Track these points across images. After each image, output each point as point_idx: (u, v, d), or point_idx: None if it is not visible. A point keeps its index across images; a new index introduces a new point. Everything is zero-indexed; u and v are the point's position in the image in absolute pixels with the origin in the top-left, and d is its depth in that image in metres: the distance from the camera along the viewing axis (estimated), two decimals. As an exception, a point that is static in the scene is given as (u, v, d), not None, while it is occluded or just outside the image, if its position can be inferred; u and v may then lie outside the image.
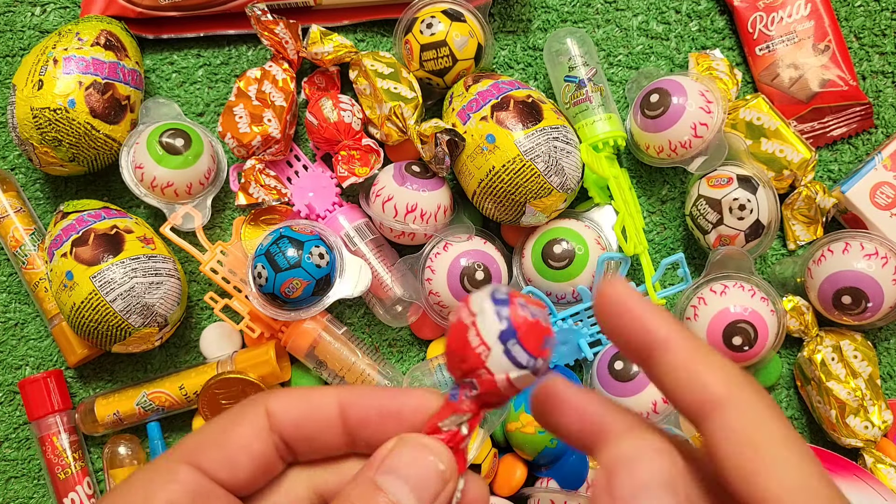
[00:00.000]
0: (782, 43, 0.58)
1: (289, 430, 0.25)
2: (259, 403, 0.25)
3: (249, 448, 0.24)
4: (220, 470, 0.24)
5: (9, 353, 0.60)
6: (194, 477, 0.24)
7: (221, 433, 0.25)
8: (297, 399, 0.25)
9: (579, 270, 0.53)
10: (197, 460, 0.24)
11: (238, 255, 0.57)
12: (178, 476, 0.24)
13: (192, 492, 0.23)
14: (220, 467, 0.24)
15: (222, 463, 0.24)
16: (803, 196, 0.56)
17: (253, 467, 0.24)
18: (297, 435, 0.25)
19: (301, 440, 0.25)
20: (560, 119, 0.53)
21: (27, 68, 0.54)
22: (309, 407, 0.25)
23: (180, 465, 0.24)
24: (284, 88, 0.57)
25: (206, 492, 0.24)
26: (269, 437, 0.25)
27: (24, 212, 0.60)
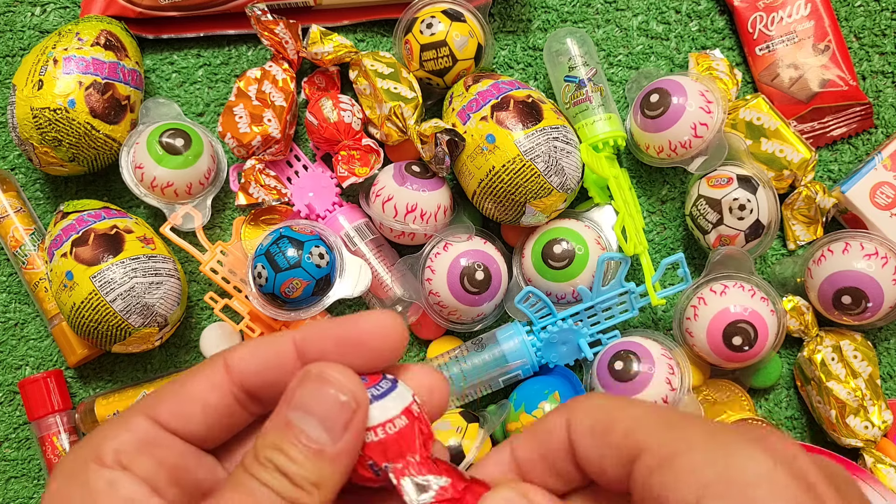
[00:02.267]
0: (782, 43, 0.58)
1: (249, 379, 0.25)
2: (217, 358, 0.25)
3: (204, 400, 0.25)
4: (174, 420, 0.25)
5: (9, 353, 0.61)
6: (147, 426, 0.24)
7: (179, 386, 0.25)
8: (253, 348, 0.25)
9: (579, 270, 0.53)
10: (153, 412, 0.25)
11: (238, 255, 0.57)
12: (130, 426, 0.24)
13: (141, 440, 0.24)
14: (174, 418, 0.25)
15: (176, 414, 0.25)
16: (803, 196, 0.56)
17: (207, 419, 0.25)
18: (258, 383, 0.25)
19: (263, 388, 0.25)
20: (560, 119, 0.53)
21: (27, 68, 0.54)
22: (265, 354, 0.25)
23: (136, 416, 0.24)
24: (284, 88, 0.57)
25: (156, 441, 0.24)
26: (227, 388, 0.25)
27: (24, 212, 0.60)
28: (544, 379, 0.56)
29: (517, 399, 0.54)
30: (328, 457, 0.23)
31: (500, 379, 0.55)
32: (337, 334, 0.25)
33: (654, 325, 0.59)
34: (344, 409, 0.23)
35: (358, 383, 0.24)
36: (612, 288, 0.53)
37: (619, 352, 0.52)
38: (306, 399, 0.23)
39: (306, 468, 0.23)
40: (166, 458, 0.24)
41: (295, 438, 0.23)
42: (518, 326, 0.55)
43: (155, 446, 0.24)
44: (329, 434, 0.23)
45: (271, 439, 0.23)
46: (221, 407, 0.25)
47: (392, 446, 0.24)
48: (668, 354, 0.53)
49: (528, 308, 0.54)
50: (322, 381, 0.24)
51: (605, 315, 0.55)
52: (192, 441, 0.25)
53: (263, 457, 0.23)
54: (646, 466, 0.22)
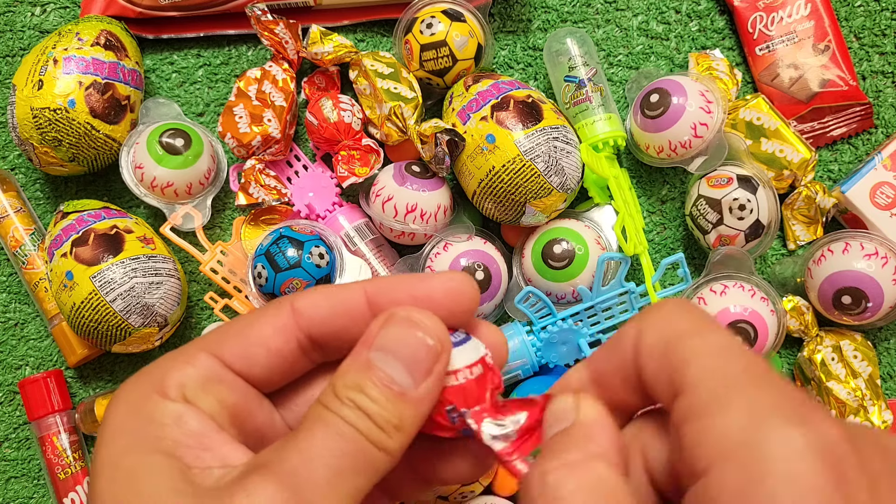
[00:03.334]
0: (782, 43, 0.58)
1: (316, 327, 0.25)
2: (285, 301, 0.25)
3: (268, 343, 0.25)
4: (237, 361, 0.25)
5: (9, 353, 0.60)
6: (211, 363, 0.24)
7: (245, 327, 0.25)
8: (324, 296, 0.25)
9: (579, 270, 0.53)
10: (217, 350, 0.24)
11: (238, 255, 0.57)
12: (194, 360, 0.24)
13: (204, 377, 0.24)
14: (237, 359, 0.25)
15: (239, 355, 0.25)
16: (803, 196, 0.56)
17: (270, 362, 0.25)
18: (325, 331, 0.25)
19: (330, 336, 0.25)
20: (560, 119, 0.53)
21: (27, 68, 0.54)
22: (336, 302, 0.25)
23: (200, 352, 0.24)
24: (284, 88, 0.57)
25: (219, 378, 0.24)
26: (291, 334, 0.25)
27: (24, 212, 0.60)
28: (544, 379, 0.56)
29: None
30: (410, 400, 0.23)
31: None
32: (411, 290, 0.25)
33: (654, 325, 0.59)
34: (430, 352, 0.23)
35: (444, 329, 0.24)
36: (612, 288, 0.53)
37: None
38: (390, 340, 0.23)
39: (388, 410, 0.23)
40: (228, 397, 0.24)
41: (377, 379, 0.23)
42: (518, 326, 0.55)
43: (218, 383, 0.24)
44: (412, 377, 0.23)
45: (352, 378, 0.23)
46: (285, 352, 0.25)
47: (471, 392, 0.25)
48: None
49: (528, 308, 0.54)
50: (410, 324, 0.23)
51: (605, 315, 0.54)
52: (253, 383, 0.25)
53: (345, 396, 0.23)
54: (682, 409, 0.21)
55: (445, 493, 0.51)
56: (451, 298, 0.25)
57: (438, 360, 0.23)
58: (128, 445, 0.22)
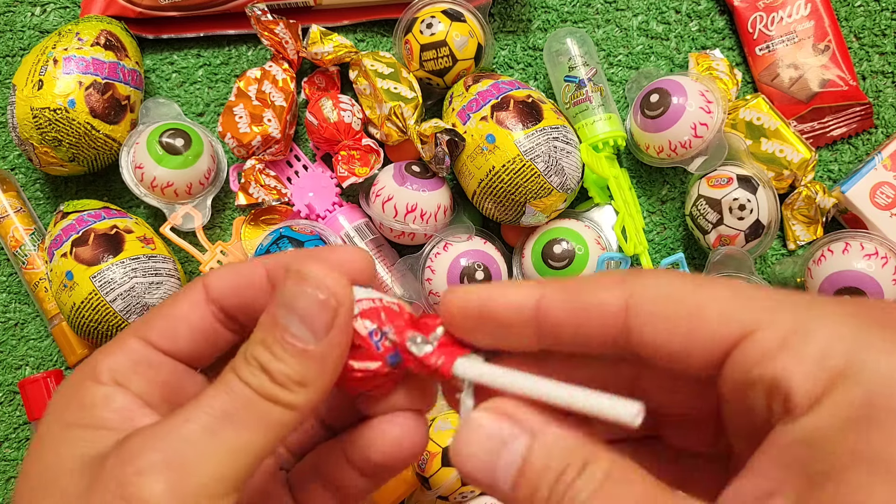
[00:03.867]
0: (782, 43, 0.58)
1: (225, 299, 0.26)
2: (197, 280, 0.27)
3: (188, 318, 0.26)
4: (163, 340, 0.26)
5: (9, 353, 0.60)
6: (139, 346, 0.26)
7: (165, 308, 0.27)
8: (228, 271, 0.27)
9: (579, 270, 0.53)
10: (143, 333, 0.26)
11: (238, 255, 0.57)
12: (124, 346, 0.26)
13: (134, 360, 0.25)
14: (163, 337, 0.26)
15: (164, 333, 0.26)
16: (803, 196, 0.56)
17: (193, 336, 0.26)
18: (233, 303, 0.26)
19: (238, 308, 0.26)
20: (560, 119, 0.53)
21: (27, 68, 0.54)
22: (239, 275, 0.26)
23: (129, 337, 0.26)
24: (284, 88, 0.57)
25: (147, 360, 0.25)
26: (206, 307, 0.26)
27: (24, 212, 0.60)
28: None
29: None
30: (312, 355, 0.23)
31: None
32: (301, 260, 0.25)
33: (654, 325, 0.59)
34: (324, 307, 0.23)
35: (339, 281, 0.24)
36: (612, 288, 0.53)
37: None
38: (287, 296, 0.23)
39: (290, 365, 0.23)
40: (157, 376, 0.25)
41: (280, 335, 0.23)
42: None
43: (146, 366, 0.25)
44: (312, 332, 0.23)
45: (259, 335, 0.24)
46: (205, 325, 0.26)
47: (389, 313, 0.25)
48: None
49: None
50: (300, 279, 0.23)
51: (605, 315, 0.54)
52: (181, 359, 0.26)
53: (249, 354, 0.23)
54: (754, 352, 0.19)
55: (445, 494, 0.51)
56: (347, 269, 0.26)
57: (337, 313, 0.23)
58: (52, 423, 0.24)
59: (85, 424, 0.24)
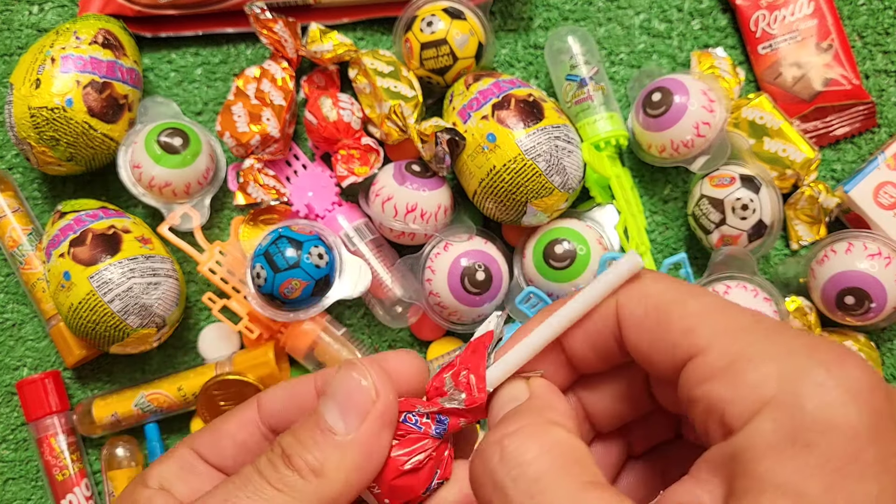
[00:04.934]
0: (785, 42, 0.58)
1: (275, 417, 0.27)
2: (254, 398, 0.28)
3: (234, 436, 0.28)
4: (209, 452, 0.28)
5: (6, 354, 0.60)
6: (188, 455, 0.28)
7: (218, 422, 0.28)
8: (282, 389, 0.28)
9: (581, 270, 0.53)
10: (193, 444, 0.28)
11: (236, 255, 0.56)
12: (174, 455, 0.28)
13: (181, 467, 0.27)
14: (209, 450, 0.28)
15: (211, 447, 0.28)
16: (806, 196, 0.56)
17: (237, 451, 0.27)
18: (283, 421, 0.27)
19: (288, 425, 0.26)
20: (561, 118, 0.53)
21: (25, 67, 0.54)
22: (291, 394, 0.27)
23: (182, 447, 0.28)
24: (283, 87, 0.57)
25: (193, 468, 0.27)
26: (255, 426, 0.27)
27: (22, 211, 0.59)
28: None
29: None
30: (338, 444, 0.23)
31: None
32: None
33: (656, 326, 0.59)
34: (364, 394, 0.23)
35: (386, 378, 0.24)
36: (613, 288, 0.53)
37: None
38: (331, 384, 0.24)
39: (311, 452, 0.23)
40: (200, 484, 0.27)
41: (314, 422, 0.23)
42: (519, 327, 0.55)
43: (191, 473, 0.27)
44: (344, 420, 0.23)
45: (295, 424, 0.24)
46: (250, 442, 0.28)
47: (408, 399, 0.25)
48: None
49: (530, 308, 0.53)
50: (349, 366, 0.24)
51: (606, 316, 0.54)
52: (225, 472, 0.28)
53: (277, 441, 0.24)
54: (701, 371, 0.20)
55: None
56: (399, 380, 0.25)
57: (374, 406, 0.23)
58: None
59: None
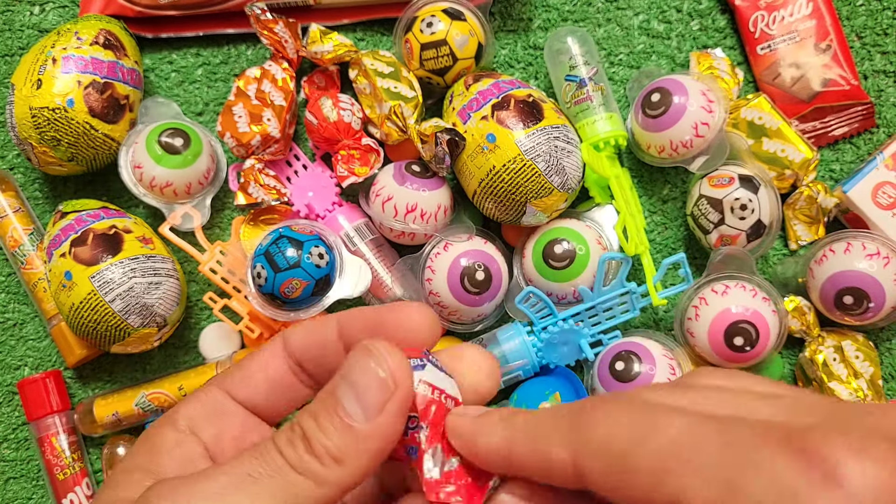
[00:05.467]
0: (784, 42, 0.58)
1: (300, 352, 0.27)
2: (279, 335, 0.28)
3: (265, 369, 0.27)
4: (240, 389, 0.27)
5: (7, 354, 0.60)
6: (218, 395, 0.27)
7: (247, 360, 0.28)
8: (304, 327, 0.28)
9: (580, 270, 0.53)
10: (223, 383, 0.27)
11: (237, 255, 0.56)
12: (203, 395, 0.27)
13: (210, 408, 0.27)
14: (240, 387, 0.27)
15: (242, 382, 0.27)
16: (805, 196, 0.56)
17: (269, 386, 0.27)
18: (307, 357, 0.27)
19: (311, 361, 0.27)
20: (561, 118, 0.53)
21: (26, 67, 0.54)
22: (313, 330, 0.27)
23: (211, 387, 0.27)
24: (284, 88, 0.57)
25: (222, 409, 0.27)
26: (282, 360, 0.27)
27: (23, 211, 0.59)
28: (545, 379, 0.55)
29: (517, 400, 0.54)
30: (357, 434, 0.23)
31: (501, 379, 0.55)
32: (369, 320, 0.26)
33: (656, 326, 0.59)
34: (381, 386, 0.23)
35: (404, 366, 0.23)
36: (613, 288, 0.53)
37: (621, 352, 0.52)
38: (350, 369, 0.24)
39: (332, 439, 0.23)
40: (229, 426, 0.27)
41: (333, 407, 0.23)
42: (519, 327, 0.55)
43: (220, 414, 0.27)
44: (363, 410, 0.23)
45: (314, 405, 0.24)
46: (281, 376, 0.27)
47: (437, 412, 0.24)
48: (669, 355, 0.53)
49: (529, 308, 0.53)
50: (366, 353, 0.23)
51: (606, 315, 0.54)
52: (257, 411, 0.27)
53: (296, 421, 0.24)
54: None
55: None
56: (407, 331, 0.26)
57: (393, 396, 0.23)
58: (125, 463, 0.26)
59: (145, 469, 0.25)
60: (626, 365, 0.52)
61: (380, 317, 0.26)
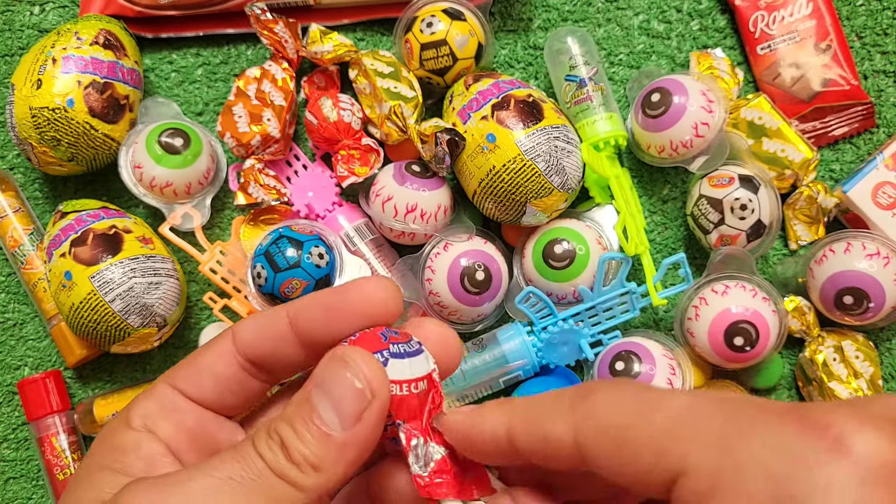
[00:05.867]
0: (784, 42, 0.58)
1: (250, 349, 0.26)
2: (227, 331, 0.27)
3: (212, 367, 0.26)
4: (189, 387, 0.26)
5: (7, 354, 0.60)
6: (167, 392, 0.26)
7: (194, 357, 0.27)
8: (252, 321, 0.27)
9: (580, 270, 0.53)
10: (173, 380, 0.27)
11: (237, 255, 0.56)
12: (155, 392, 0.27)
13: (162, 405, 0.26)
14: (189, 385, 0.26)
15: (190, 381, 0.27)
16: (805, 196, 0.56)
17: (218, 386, 0.27)
18: (259, 353, 0.26)
19: (264, 358, 0.26)
20: (561, 118, 0.53)
21: (26, 67, 0.54)
22: (263, 324, 0.26)
23: (160, 384, 0.27)
24: (284, 88, 0.57)
25: (175, 405, 0.26)
26: (231, 357, 0.26)
27: (23, 211, 0.59)
28: (545, 379, 0.55)
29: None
30: (335, 442, 0.23)
31: (501, 379, 0.55)
32: (325, 303, 0.25)
33: (656, 326, 0.59)
34: (358, 396, 0.23)
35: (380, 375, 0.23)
36: (613, 288, 0.53)
37: (621, 352, 0.52)
38: (326, 378, 0.23)
39: (309, 447, 0.23)
40: (184, 421, 0.26)
41: (308, 415, 0.23)
42: (519, 327, 0.55)
43: (174, 411, 0.26)
44: (340, 419, 0.23)
45: (289, 411, 0.24)
46: (229, 374, 0.26)
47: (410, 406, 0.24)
48: (669, 355, 0.53)
49: (529, 308, 0.53)
50: (342, 364, 0.23)
51: (606, 315, 0.54)
52: (210, 407, 0.27)
53: (273, 428, 0.23)
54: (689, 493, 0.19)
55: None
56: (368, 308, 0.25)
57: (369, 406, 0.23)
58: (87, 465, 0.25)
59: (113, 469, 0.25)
60: (626, 365, 0.52)
61: (335, 300, 0.25)
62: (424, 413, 0.25)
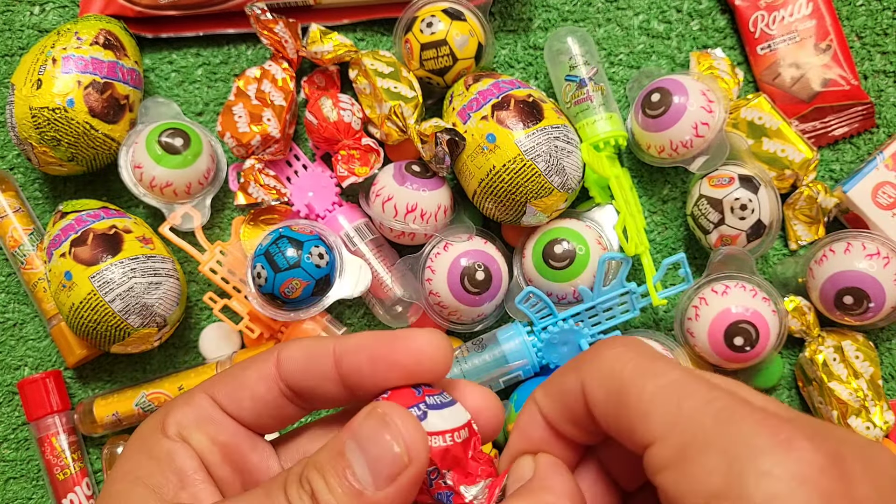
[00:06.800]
0: (784, 42, 0.58)
1: (293, 378, 0.26)
2: (273, 351, 0.27)
3: (252, 389, 0.26)
4: (228, 403, 0.26)
5: (7, 354, 0.60)
6: (206, 403, 0.26)
7: (237, 371, 0.27)
8: (300, 349, 0.26)
9: (580, 270, 0.53)
10: (212, 391, 0.26)
11: (237, 255, 0.56)
12: (193, 401, 0.26)
13: (199, 415, 0.26)
14: (228, 400, 0.26)
15: (230, 396, 0.26)
16: (805, 196, 0.56)
17: (255, 406, 0.26)
18: (300, 383, 0.26)
19: (306, 389, 0.26)
20: (561, 118, 0.53)
21: (26, 67, 0.54)
22: (309, 357, 0.26)
23: (199, 393, 0.26)
24: (284, 88, 0.57)
25: (211, 417, 0.26)
26: (273, 382, 0.26)
27: (23, 212, 0.59)
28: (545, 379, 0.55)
29: (518, 400, 0.54)
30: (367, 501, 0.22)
31: (501, 379, 0.55)
32: (373, 351, 0.25)
33: (656, 326, 0.59)
34: (395, 460, 0.22)
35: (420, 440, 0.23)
36: (613, 288, 0.53)
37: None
38: (364, 435, 0.23)
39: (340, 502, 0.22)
40: (219, 434, 0.26)
41: (342, 470, 0.23)
42: (519, 327, 0.55)
43: (210, 423, 0.26)
44: (374, 479, 0.22)
45: (322, 460, 0.23)
46: (269, 398, 0.26)
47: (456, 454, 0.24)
48: (669, 355, 0.53)
49: (529, 308, 0.53)
50: (382, 424, 0.23)
51: (606, 315, 0.54)
52: (243, 423, 0.27)
53: (305, 476, 0.23)
54: (656, 460, 0.21)
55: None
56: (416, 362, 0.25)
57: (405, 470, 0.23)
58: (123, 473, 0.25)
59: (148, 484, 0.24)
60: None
61: (384, 349, 0.25)
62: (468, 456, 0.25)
